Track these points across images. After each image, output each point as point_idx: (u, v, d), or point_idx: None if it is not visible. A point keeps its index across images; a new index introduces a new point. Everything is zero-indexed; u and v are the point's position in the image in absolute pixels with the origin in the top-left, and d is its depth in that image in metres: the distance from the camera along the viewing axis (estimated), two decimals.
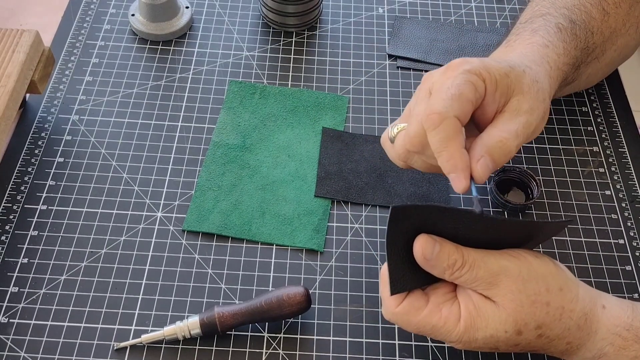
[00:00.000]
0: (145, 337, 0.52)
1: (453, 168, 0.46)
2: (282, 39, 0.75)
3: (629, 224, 0.61)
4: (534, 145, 0.66)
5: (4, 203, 0.60)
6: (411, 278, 0.46)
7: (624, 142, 0.67)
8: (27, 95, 0.67)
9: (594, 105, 0.70)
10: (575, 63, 0.58)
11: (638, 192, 0.63)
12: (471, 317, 0.45)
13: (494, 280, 0.45)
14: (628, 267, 0.58)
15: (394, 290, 0.46)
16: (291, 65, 0.73)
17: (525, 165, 0.65)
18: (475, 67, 0.48)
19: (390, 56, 0.74)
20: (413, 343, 0.53)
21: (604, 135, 0.68)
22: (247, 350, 0.52)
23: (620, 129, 0.68)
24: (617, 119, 0.69)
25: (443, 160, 0.47)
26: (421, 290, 0.47)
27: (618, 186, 0.64)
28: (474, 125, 0.51)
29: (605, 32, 0.61)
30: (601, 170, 0.65)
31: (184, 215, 0.60)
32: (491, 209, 0.62)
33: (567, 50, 0.57)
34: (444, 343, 0.52)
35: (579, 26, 0.58)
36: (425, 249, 0.45)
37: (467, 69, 0.48)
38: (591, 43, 0.59)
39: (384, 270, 0.47)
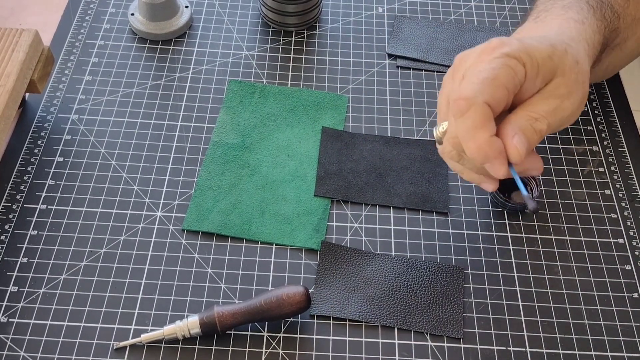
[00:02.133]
0: (144, 337, 0.52)
1: (485, 158, 0.43)
2: (281, 38, 0.75)
3: (629, 224, 0.61)
4: None
5: (4, 202, 0.59)
6: None
7: (623, 141, 0.67)
8: (27, 94, 0.67)
9: (594, 104, 0.70)
10: (604, 44, 0.55)
11: (637, 192, 0.63)
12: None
13: None
14: (627, 267, 0.58)
15: None
16: (291, 64, 0.73)
17: None
18: (515, 50, 0.44)
19: (390, 56, 0.74)
20: (413, 342, 0.53)
21: (603, 135, 0.68)
22: (247, 349, 0.52)
23: (619, 129, 0.68)
24: (616, 119, 0.69)
25: (472, 150, 0.43)
26: None
27: (617, 185, 0.64)
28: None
29: (627, 18, 0.57)
30: (601, 169, 0.65)
31: (184, 215, 0.60)
32: (491, 209, 0.62)
33: (600, 29, 0.53)
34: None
35: (606, 6, 0.55)
36: None
37: (506, 52, 0.43)
38: (617, 26, 0.56)
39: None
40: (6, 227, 0.58)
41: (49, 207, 0.60)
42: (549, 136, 0.67)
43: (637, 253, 0.59)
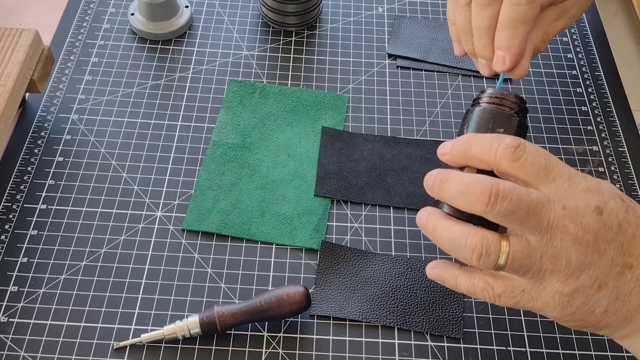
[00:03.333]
0: (144, 337, 0.52)
1: (510, 49, 0.48)
2: (281, 38, 0.75)
3: None
4: None
5: (4, 202, 0.59)
6: None
7: (623, 141, 0.67)
8: (27, 94, 0.67)
9: (594, 104, 0.70)
10: None
11: (637, 192, 0.63)
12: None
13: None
14: None
15: None
16: (291, 64, 0.73)
17: None
18: None
19: (389, 55, 0.74)
20: (412, 342, 0.53)
21: (603, 135, 0.68)
22: (247, 349, 0.52)
23: (619, 129, 0.68)
24: (616, 119, 0.69)
25: (508, 36, 0.48)
26: None
27: (617, 185, 0.64)
28: None
29: None
30: (600, 169, 0.65)
31: (184, 215, 0.60)
32: None
33: None
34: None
35: None
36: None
37: None
38: None
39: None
40: (6, 227, 0.58)
41: (49, 207, 0.60)
42: (549, 136, 0.67)
43: None
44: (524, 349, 0.53)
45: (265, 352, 0.52)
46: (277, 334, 0.53)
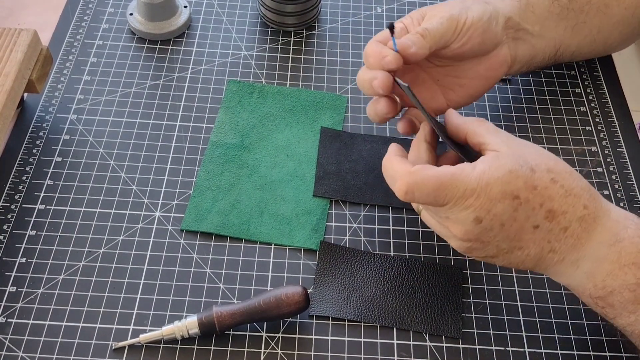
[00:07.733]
0: (143, 337, 0.52)
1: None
2: (280, 38, 0.75)
3: None
4: None
5: (2, 202, 0.59)
6: None
7: (622, 141, 0.67)
8: (25, 94, 0.67)
9: (592, 104, 0.70)
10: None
11: (636, 192, 0.63)
12: (486, 159, 0.47)
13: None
14: None
15: None
16: (290, 64, 0.73)
17: None
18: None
19: None
20: (411, 343, 0.53)
21: (602, 135, 0.68)
22: (246, 350, 0.52)
23: (618, 129, 0.68)
24: (615, 119, 0.69)
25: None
26: None
27: (616, 186, 0.64)
28: None
29: None
30: (599, 170, 0.65)
31: (182, 215, 0.60)
32: None
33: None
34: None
35: None
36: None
37: None
38: None
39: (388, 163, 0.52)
40: (4, 227, 0.58)
41: (47, 207, 0.59)
42: (548, 136, 0.67)
43: None
44: (522, 349, 0.53)
45: (264, 352, 0.52)
46: (275, 334, 0.53)
